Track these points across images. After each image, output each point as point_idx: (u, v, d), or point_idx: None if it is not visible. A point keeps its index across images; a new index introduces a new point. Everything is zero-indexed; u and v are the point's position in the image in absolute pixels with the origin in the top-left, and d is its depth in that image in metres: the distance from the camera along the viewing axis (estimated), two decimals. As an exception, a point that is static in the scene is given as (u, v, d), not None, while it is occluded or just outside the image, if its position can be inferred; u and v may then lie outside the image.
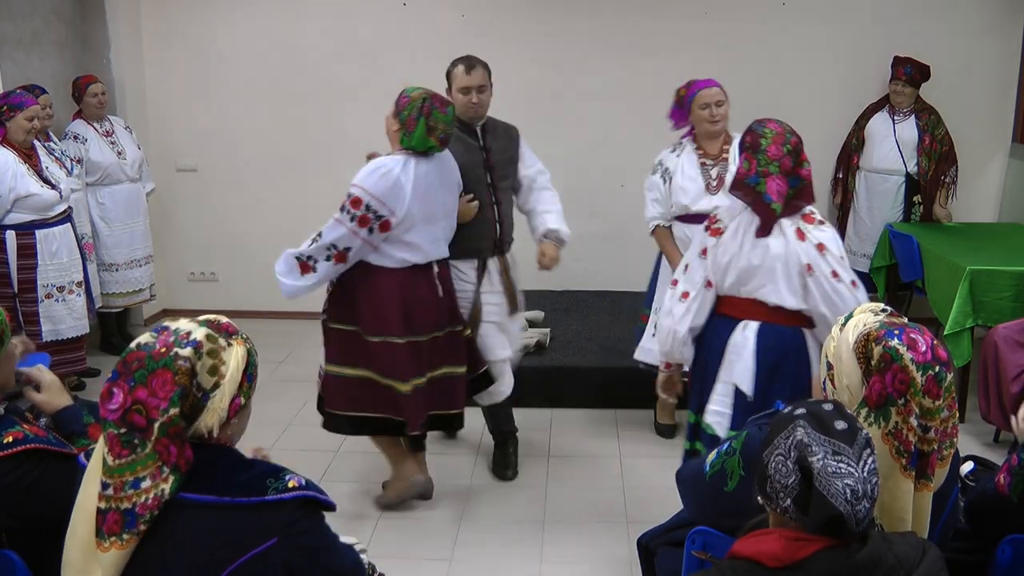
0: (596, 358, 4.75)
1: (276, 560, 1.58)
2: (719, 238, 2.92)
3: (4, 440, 1.91)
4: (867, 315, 1.93)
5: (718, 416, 2.92)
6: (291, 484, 1.61)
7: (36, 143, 4.41)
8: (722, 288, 2.93)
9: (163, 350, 1.58)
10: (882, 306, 1.99)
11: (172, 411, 1.55)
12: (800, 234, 2.83)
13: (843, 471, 1.50)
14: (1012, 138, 5.74)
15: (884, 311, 1.95)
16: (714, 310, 2.98)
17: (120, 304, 5.37)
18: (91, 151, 5.06)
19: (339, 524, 1.79)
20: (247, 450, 1.79)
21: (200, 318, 1.68)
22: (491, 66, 3.73)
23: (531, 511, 3.73)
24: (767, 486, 1.58)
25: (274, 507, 1.59)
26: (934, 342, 1.84)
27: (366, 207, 3.25)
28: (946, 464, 1.89)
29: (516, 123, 3.88)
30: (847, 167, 5.56)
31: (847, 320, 1.95)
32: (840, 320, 1.99)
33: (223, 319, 1.70)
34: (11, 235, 4.22)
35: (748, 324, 2.89)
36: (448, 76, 3.71)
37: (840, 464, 1.51)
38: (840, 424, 1.55)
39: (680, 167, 3.98)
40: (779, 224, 2.83)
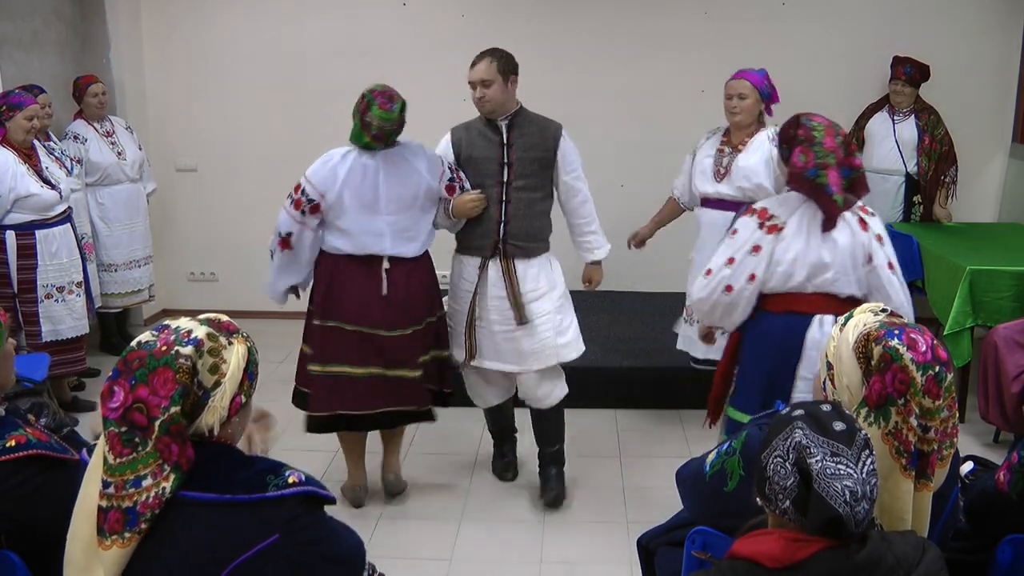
0: (596, 358, 4.74)
1: (278, 556, 1.58)
2: (778, 234, 2.88)
3: (7, 444, 1.89)
4: (867, 315, 1.94)
5: None
6: (291, 480, 1.62)
7: (36, 143, 4.41)
8: (785, 285, 2.89)
9: (164, 348, 1.58)
10: (882, 306, 1.99)
11: (173, 409, 1.55)
12: (863, 224, 2.85)
13: (842, 472, 1.50)
14: (1012, 138, 5.75)
15: (884, 311, 1.95)
16: (771, 308, 2.94)
17: (119, 304, 5.37)
18: (91, 151, 5.06)
19: (339, 524, 1.80)
20: (257, 412, 1.84)
21: (201, 316, 1.68)
22: (490, 66, 3.71)
23: (531, 511, 3.73)
24: (766, 488, 1.58)
25: (275, 503, 1.59)
26: (934, 342, 1.84)
27: (302, 191, 3.45)
28: (946, 464, 1.89)
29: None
30: (847, 167, 5.57)
31: (847, 320, 1.96)
32: (840, 320, 1.99)
33: (224, 318, 1.70)
34: (11, 235, 4.21)
35: (824, 319, 2.86)
36: None
37: (839, 465, 1.51)
38: (838, 425, 1.55)
39: (703, 149, 4.10)
40: (842, 216, 2.84)
